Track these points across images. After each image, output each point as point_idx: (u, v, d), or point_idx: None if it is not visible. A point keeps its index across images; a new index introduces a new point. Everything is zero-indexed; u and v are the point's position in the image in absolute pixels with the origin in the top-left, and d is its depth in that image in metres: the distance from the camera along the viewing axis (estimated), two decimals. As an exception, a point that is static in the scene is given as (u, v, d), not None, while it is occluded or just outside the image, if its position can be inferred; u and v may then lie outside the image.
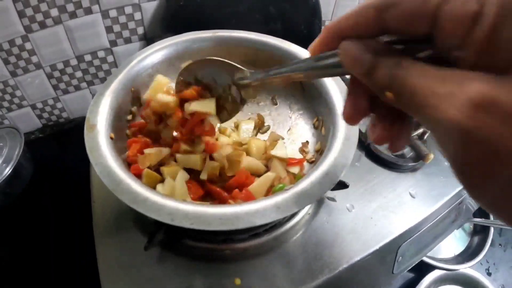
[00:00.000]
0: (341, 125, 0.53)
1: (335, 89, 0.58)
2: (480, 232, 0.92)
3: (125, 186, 0.44)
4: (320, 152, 0.57)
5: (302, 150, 0.60)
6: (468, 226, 0.94)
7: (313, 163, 0.57)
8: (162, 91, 0.54)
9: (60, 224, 0.76)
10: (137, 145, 0.54)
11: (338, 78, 0.59)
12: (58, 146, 0.93)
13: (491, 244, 0.88)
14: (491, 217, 0.93)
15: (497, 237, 0.92)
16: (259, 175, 0.56)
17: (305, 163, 0.58)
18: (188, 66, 0.52)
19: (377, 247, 0.57)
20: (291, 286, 0.52)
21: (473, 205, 0.80)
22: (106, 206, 0.59)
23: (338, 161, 0.49)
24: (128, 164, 0.53)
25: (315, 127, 0.62)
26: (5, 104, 0.84)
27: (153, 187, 0.52)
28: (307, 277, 0.53)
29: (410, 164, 0.68)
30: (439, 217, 0.68)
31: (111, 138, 0.51)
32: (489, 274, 0.85)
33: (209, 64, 0.51)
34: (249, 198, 0.51)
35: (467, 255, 0.87)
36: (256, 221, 0.41)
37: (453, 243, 0.90)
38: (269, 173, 0.52)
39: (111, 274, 0.51)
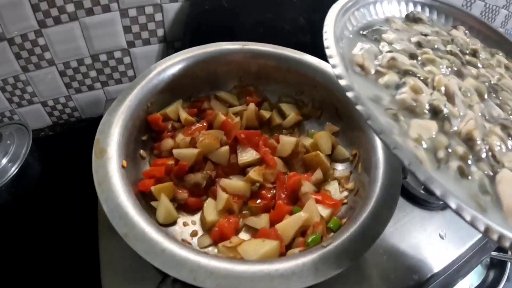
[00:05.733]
0: (384, 169, 0.45)
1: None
2: (497, 266, 0.86)
3: (139, 231, 0.36)
4: (355, 193, 0.48)
5: (341, 185, 0.52)
6: (485, 259, 0.87)
7: (347, 204, 0.48)
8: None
9: (67, 226, 0.71)
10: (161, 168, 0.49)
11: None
12: (68, 146, 0.86)
13: (507, 280, 0.81)
14: (510, 252, 0.86)
15: (513, 272, 0.85)
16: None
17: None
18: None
19: (404, 290, 0.52)
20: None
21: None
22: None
23: (380, 213, 0.41)
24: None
25: (351, 161, 0.53)
26: (15, 99, 0.78)
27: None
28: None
29: (441, 202, 0.61)
30: (466, 257, 0.62)
31: (123, 166, 0.43)
32: (503, 310, 0.79)
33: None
34: (277, 237, 0.43)
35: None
36: (292, 285, 0.34)
37: (469, 276, 0.83)
38: (301, 214, 0.44)
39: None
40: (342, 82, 0.33)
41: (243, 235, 0.47)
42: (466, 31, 0.54)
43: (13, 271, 0.65)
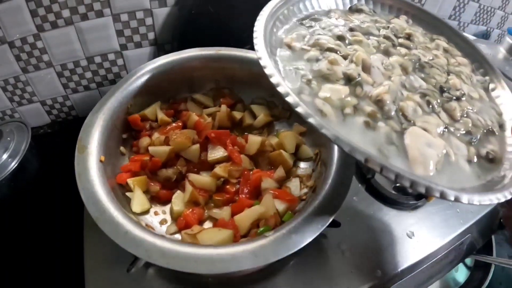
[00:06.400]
0: (337, 166, 0.52)
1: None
2: (482, 267, 0.87)
3: (108, 216, 0.45)
4: (313, 190, 0.56)
5: (303, 182, 0.59)
6: (470, 260, 0.90)
7: (305, 200, 0.56)
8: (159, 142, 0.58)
9: (63, 219, 0.76)
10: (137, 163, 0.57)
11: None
12: (65, 143, 0.93)
13: (490, 282, 0.84)
14: (494, 253, 0.90)
15: (499, 274, 0.88)
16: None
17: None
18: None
19: (365, 287, 0.56)
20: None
21: (478, 241, 0.78)
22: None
23: (325, 207, 0.48)
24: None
25: (314, 160, 0.61)
26: (16, 98, 0.86)
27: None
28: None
29: (411, 202, 0.66)
30: (436, 258, 0.66)
31: (101, 161, 0.51)
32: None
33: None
34: (234, 228, 0.51)
35: (465, 291, 0.84)
36: (231, 268, 0.41)
37: (454, 275, 0.88)
38: (257, 207, 0.52)
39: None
40: (262, 63, 0.42)
41: (208, 225, 0.55)
42: (409, 20, 0.63)
43: (12, 260, 0.71)
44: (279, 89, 0.38)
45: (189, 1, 0.81)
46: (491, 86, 0.57)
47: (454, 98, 0.48)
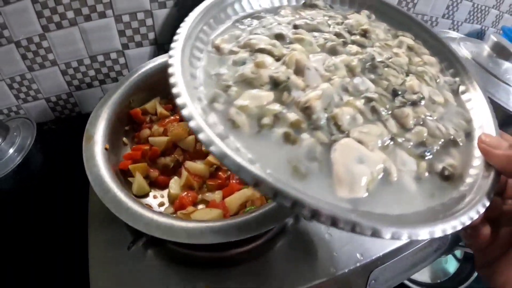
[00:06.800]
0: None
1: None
2: (472, 259, 0.94)
3: (112, 195, 0.54)
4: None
5: None
6: (460, 252, 0.97)
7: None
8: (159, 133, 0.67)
9: (66, 210, 0.84)
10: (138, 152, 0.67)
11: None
12: (69, 138, 1.00)
13: (477, 276, 0.91)
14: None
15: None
16: None
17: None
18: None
19: (345, 270, 0.63)
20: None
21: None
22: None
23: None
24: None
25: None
26: (22, 95, 0.94)
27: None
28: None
29: None
30: (418, 245, 0.72)
31: (106, 149, 0.61)
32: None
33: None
34: (224, 208, 0.60)
35: (454, 282, 0.91)
36: (218, 239, 0.50)
37: (442, 267, 0.95)
38: (246, 190, 0.62)
39: (99, 267, 0.60)
40: (169, 70, 0.37)
41: (201, 207, 0.64)
42: (372, 15, 0.59)
43: (15, 254, 0.78)
44: (177, 101, 0.34)
45: (188, 3, 0.90)
46: (462, 88, 0.53)
47: (409, 102, 0.44)
